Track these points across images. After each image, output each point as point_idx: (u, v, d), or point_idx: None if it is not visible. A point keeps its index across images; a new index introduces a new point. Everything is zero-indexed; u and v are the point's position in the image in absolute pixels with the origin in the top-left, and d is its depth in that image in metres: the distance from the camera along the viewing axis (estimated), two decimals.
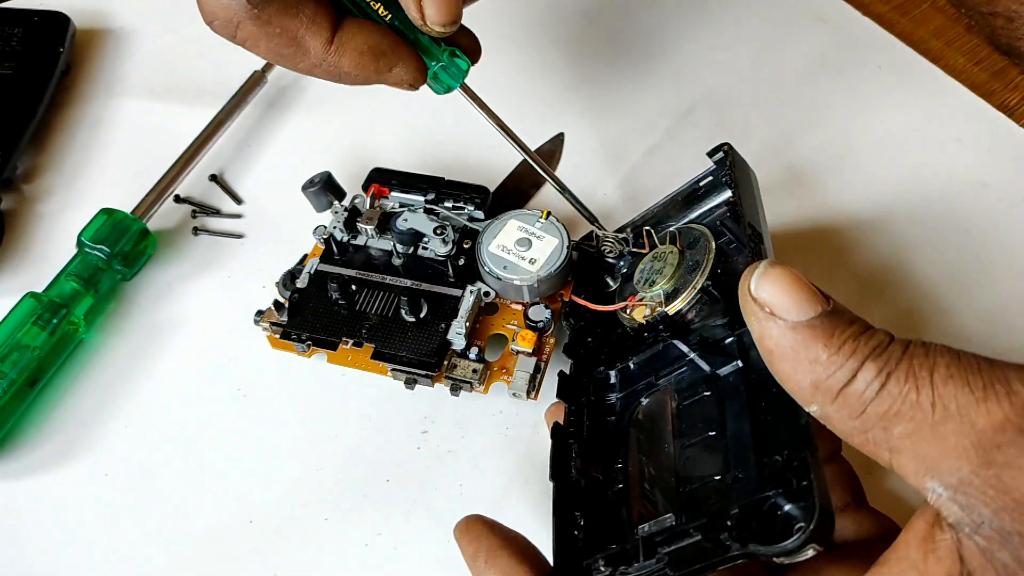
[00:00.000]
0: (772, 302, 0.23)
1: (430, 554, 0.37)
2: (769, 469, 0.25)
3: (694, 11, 0.57)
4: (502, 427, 0.40)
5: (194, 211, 0.49)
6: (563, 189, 0.39)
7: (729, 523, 0.24)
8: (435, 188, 0.43)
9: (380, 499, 0.38)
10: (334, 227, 0.42)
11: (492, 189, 0.44)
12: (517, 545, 0.28)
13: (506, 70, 0.55)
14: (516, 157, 0.39)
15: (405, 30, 0.32)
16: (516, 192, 0.49)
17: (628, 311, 0.36)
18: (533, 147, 0.51)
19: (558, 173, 0.50)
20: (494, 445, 0.40)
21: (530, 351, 0.37)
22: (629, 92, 0.53)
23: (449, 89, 0.34)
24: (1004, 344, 0.41)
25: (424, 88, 0.34)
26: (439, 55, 0.33)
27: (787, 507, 0.23)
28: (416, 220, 0.41)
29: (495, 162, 0.49)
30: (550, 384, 0.37)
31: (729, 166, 0.34)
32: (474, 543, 0.29)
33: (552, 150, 0.51)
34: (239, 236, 0.48)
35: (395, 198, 0.43)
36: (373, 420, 0.41)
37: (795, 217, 0.47)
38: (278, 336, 0.39)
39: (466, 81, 0.34)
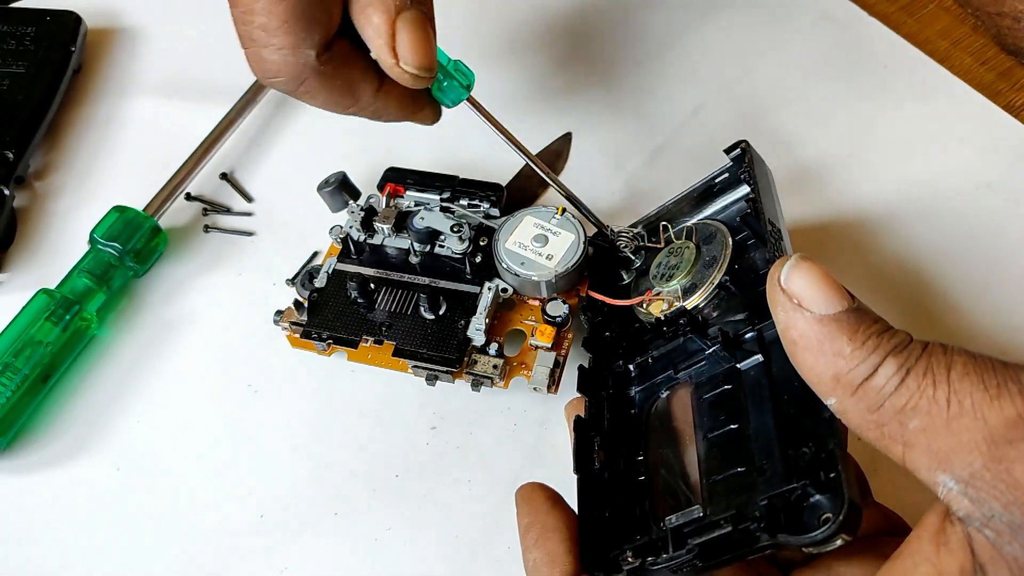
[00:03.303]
0: (801, 294, 0.24)
1: (439, 549, 0.37)
2: (796, 461, 0.25)
3: (700, 11, 0.58)
4: (510, 423, 0.40)
5: (205, 209, 0.49)
6: (569, 196, 0.39)
7: (757, 514, 0.24)
8: (450, 186, 0.43)
9: (389, 494, 0.38)
10: (351, 227, 0.42)
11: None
12: (569, 530, 0.28)
13: (514, 70, 0.55)
14: None
15: None
16: (524, 191, 0.49)
17: (645, 306, 0.36)
18: (541, 146, 0.51)
19: (566, 172, 0.50)
20: (502, 441, 0.40)
21: (549, 346, 0.37)
22: (636, 91, 0.54)
23: (455, 103, 0.35)
24: (1012, 341, 0.41)
25: None
26: (445, 69, 0.34)
27: (815, 498, 0.24)
28: (433, 218, 0.41)
29: (508, 160, 0.49)
30: (569, 378, 0.37)
31: (748, 163, 0.34)
32: (531, 515, 0.28)
33: (560, 149, 0.51)
34: (250, 234, 0.48)
35: (410, 197, 0.43)
36: (382, 416, 0.41)
37: (801, 216, 0.47)
38: (298, 335, 0.39)
39: (471, 93, 0.35)
